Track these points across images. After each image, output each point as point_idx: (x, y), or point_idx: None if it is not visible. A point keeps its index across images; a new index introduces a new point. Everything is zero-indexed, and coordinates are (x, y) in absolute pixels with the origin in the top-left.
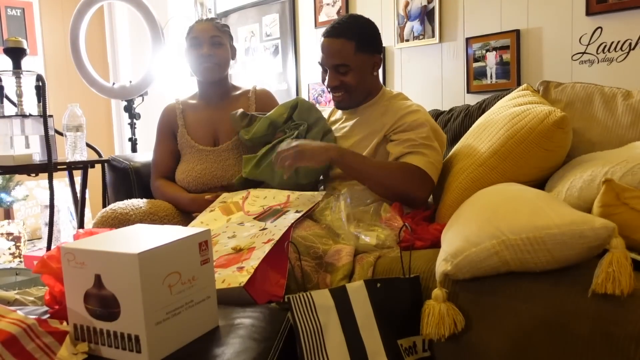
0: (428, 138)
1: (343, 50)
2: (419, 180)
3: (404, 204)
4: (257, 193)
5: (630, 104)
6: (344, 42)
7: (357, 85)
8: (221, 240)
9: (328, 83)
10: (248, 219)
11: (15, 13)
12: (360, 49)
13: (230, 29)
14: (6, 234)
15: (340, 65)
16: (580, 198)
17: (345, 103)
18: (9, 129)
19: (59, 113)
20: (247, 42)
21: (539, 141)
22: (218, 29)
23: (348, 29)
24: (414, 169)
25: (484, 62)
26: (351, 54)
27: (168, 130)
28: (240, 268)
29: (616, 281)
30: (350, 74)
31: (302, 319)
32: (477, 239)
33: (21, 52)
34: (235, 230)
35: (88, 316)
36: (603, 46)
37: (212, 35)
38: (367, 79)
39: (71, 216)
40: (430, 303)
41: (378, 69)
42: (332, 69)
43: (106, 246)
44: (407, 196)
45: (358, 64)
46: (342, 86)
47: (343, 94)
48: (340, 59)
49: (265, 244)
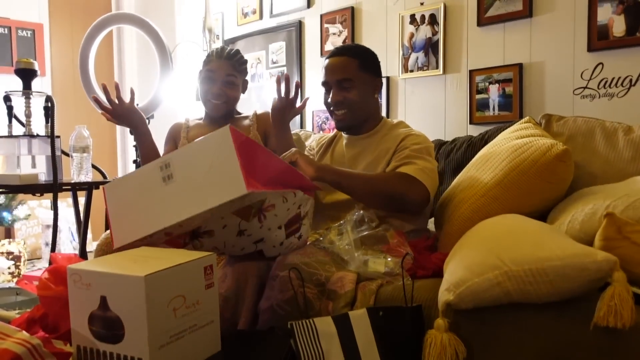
0: (420, 151)
1: (347, 66)
2: (407, 183)
3: (397, 210)
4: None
5: (631, 139)
6: (347, 58)
7: (360, 103)
8: None
9: (331, 99)
10: None
11: (26, 34)
12: (363, 67)
13: (246, 64)
14: (6, 253)
15: (344, 79)
16: (582, 231)
17: (346, 122)
18: (16, 148)
19: (66, 134)
20: (253, 68)
21: (541, 173)
22: (235, 68)
23: (352, 49)
24: (402, 174)
25: (486, 94)
26: (354, 70)
27: (172, 139)
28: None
29: (618, 314)
30: (354, 91)
31: (304, 345)
32: (480, 269)
33: (32, 73)
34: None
35: (92, 338)
36: (604, 82)
37: (227, 74)
38: (369, 100)
39: (72, 237)
40: (432, 333)
41: (379, 92)
42: (336, 85)
43: (112, 268)
44: (397, 199)
45: (361, 81)
46: (345, 102)
47: (345, 112)
48: (345, 74)
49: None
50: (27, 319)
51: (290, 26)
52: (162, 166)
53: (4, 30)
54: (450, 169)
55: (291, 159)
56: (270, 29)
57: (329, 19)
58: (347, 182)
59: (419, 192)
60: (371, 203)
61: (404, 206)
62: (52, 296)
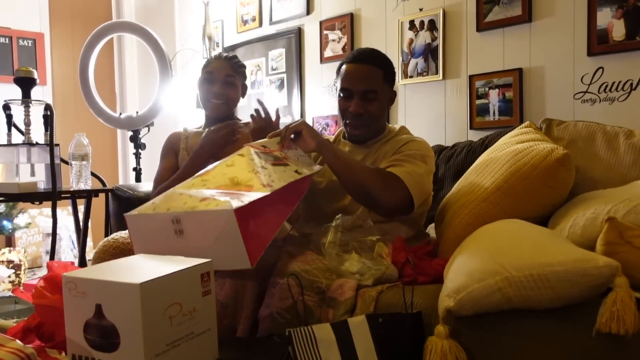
0: (413, 157)
1: (373, 76)
2: (387, 182)
3: (368, 206)
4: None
5: (632, 143)
6: (374, 69)
7: (379, 116)
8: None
9: (353, 109)
10: (248, 151)
11: (27, 44)
12: (386, 78)
13: (245, 68)
14: (7, 262)
15: (369, 91)
16: (583, 236)
17: (362, 135)
18: (15, 157)
19: (65, 142)
20: (253, 75)
21: (542, 178)
22: (234, 69)
23: (376, 57)
24: (389, 174)
25: (486, 99)
26: (380, 82)
27: (171, 150)
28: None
29: (620, 320)
30: (376, 103)
31: (303, 353)
32: (480, 275)
33: (31, 82)
34: (235, 161)
35: (87, 347)
36: (605, 86)
37: (226, 75)
38: (385, 113)
39: (72, 245)
40: (433, 339)
41: (392, 104)
42: (360, 95)
43: (108, 276)
44: (371, 196)
45: (384, 93)
46: (365, 115)
47: (363, 124)
48: (371, 85)
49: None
50: (22, 328)
51: (290, 33)
52: (174, 220)
53: (5, 39)
54: (451, 175)
55: (297, 129)
56: (269, 36)
57: (329, 26)
58: (338, 165)
59: (397, 194)
60: (351, 192)
61: (376, 205)
62: (47, 305)
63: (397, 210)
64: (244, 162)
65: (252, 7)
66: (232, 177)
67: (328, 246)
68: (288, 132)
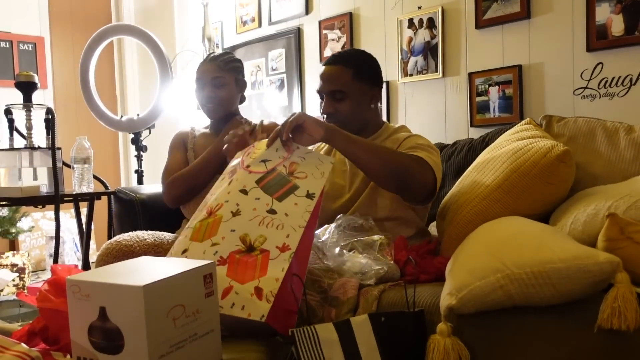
0: (424, 146)
1: (340, 76)
2: (419, 165)
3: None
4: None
5: (632, 138)
6: (341, 68)
7: (352, 114)
8: (225, 217)
9: (323, 110)
10: (250, 182)
11: (27, 48)
12: (357, 77)
13: (240, 63)
14: (10, 265)
15: (336, 91)
16: (584, 232)
17: None
18: (18, 161)
19: (67, 145)
20: (253, 75)
21: (542, 175)
22: (221, 68)
23: (347, 57)
24: (415, 156)
25: (486, 97)
26: (348, 81)
27: (181, 144)
28: (259, 291)
29: (622, 316)
30: (346, 102)
31: (306, 353)
32: (482, 272)
33: (32, 86)
34: (239, 202)
35: (92, 349)
36: (604, 81)
37: (213, 77)
38: (363, 111)
39: (76, 247)
40: (435, 338)
41: (377, 102)
42: (328, 95)
43: (111, 278)
44: (407, 178)
45: (354, 92)
46: (336, 114)
47: (336, 122)
48: (337, 85)
49: (281, 251)
50: (27, 331)
51: (289, 33)
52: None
53: (6, 44)
54: (452, 172)
55: (297, 122)
56: (269, 36)
57: (328, 25)
58: (354, 150)
59: (429, 177)
60: (379, 176)
61: (412, 188)
62: (52, 308)
63: (424, 195)
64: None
65: (251, 8)
66: (243, 236)
67: (330, 246)
68: (286, 130)
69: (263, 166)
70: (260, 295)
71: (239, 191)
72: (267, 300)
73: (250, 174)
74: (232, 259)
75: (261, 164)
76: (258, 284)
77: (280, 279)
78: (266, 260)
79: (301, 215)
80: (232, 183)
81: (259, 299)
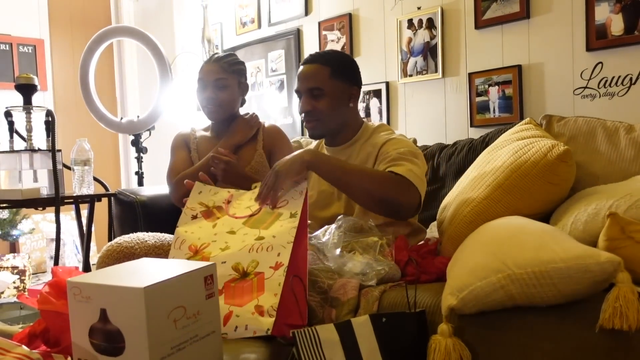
0: (405, 154)
1: (317, 74)
2: (399, 185)
3: (389, 214)
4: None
5: (632, 137)
6: (318, 66)
7: (330, 112)
8: (213, 252)
9: (301, 108)
10: (237, 223)
11: (27, 50)
12: (335, 75)
13: (244, 65)
14: (11, 268)
15: (314, 88)
16: (585, 231)
17: (318, 131)
18: (18, 163)
19: (67, 147)
20: (253, 77)
21: (543, 174)
22: (224, 70)
23: (324, 56)
24: (395, 176)
25: (486, 97)
26: (325, 79)
27: (183, 144)
28: (259, 308)
29: (623, 316)
30: (324, 100)
31: (307, 353)
32: (483, 273)
33: (32, 88)
34: (227, 240)
35: (93, 351)
36: (604, 81)
37: (216, 79)
38: (341, 109)
39: (76, 249)
40: (437, 338)
41: (355, 101)
42: (306, 93)
43: (112, 280)
44: (390, 203)
45: (332, 90)
46: (314, 112)
47: (315, 121)
48: (314, 83)
49: (275, 269)
50: (28, 334)
51: (289, 34)
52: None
53: (5, 46)
54: (452, 173)
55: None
56: (268, 37)
57: (327, 26)
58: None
59: (412, 196)
60: (365, 204)
61: (397, 212)
62: (53, 310)
63: (411, 213)
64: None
65: (251, 9)
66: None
67: (330, 247)
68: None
69: (248, 210)
70: (262, 312)
71: (227, 233)
72: (270, 315)
73: (236, 219)
74: (228, 287)
75: (246, 209)
76: (257, 303)
77: (279, 293)
78: (262, 281)
79: (288, 233)
80: (218, 226)
81: (261, 315)
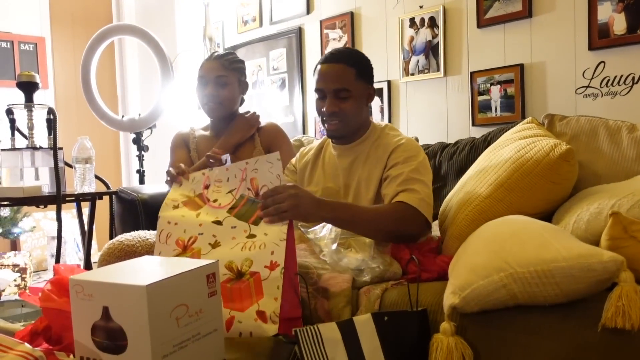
0: (417, 171)
1: (344, 75)
2: (411, 218)
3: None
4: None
5: (635, 137)
6: (345, 67)
7: (355, 113)
8: (203, 249)
9: (327, 109)
10: (221, 213)
11: (28, 48)
12: (360, 76)
13: (243, 64)
14: (12, 266)
15: (341, 89)
16: (587, 231)
17: (339, 132)
18: (19, 161)
19: (69, 145)
20: (254, 75)
21: (545, 174)
22: (225, 67)
23: (348, 56)
24: (405, 207)
25: (488, 96)
26: (352, 80)
27: (182, 143)
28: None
29: (626, 315)
30: (350, 101)
31: (309, 352)
32: (485, 271)
33: (33, 86)
34: (215, 233)
35: (95, 349)
36: (606, 80)
37: (217, 75)
38: (362, 110)
39: (77, 247)
40: (439, 337)
41: (371, 101)
42: (332, 94)
43: (114, 278)
44: (401, 234)
45: (358, 91)
46: (340, 113)
47: (338, 122)
48: (342, 84)
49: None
50: (30, 331)
51: (290, 33)
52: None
53: (7, 44)
54: (454, 171)
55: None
56: (270, 36)
57: (329, 25)
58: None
59: (421, 225)
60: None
61: (410, 240)
62: (55, 308)
63: (422, 235)
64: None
65: (252, 8)
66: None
67: (327, 242)
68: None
69: (230, 196)
70: (265, 318)
71: (213, 222)
72: (273, 322)
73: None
74: (224, 288)
75: (228, 195)
76: (258, 308)
77: (279, 297)
78: (259, 283)
79: (279, 229)
80: (202, 216)
81: (264, 322)
